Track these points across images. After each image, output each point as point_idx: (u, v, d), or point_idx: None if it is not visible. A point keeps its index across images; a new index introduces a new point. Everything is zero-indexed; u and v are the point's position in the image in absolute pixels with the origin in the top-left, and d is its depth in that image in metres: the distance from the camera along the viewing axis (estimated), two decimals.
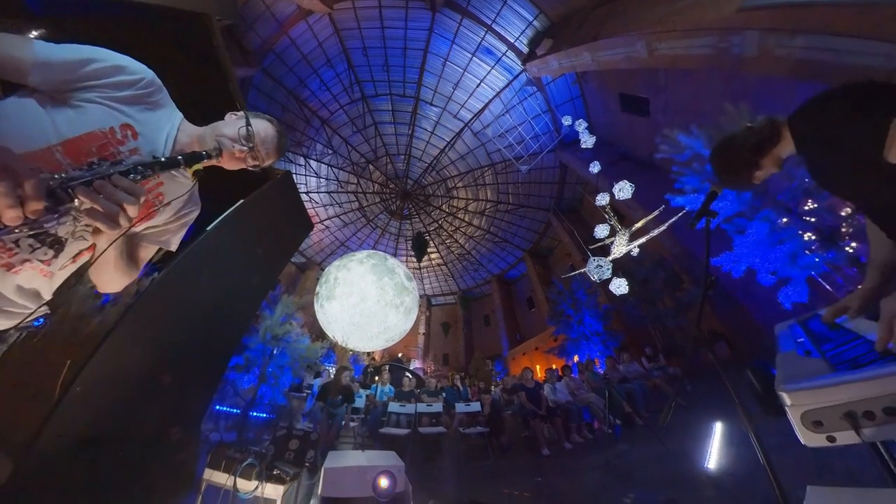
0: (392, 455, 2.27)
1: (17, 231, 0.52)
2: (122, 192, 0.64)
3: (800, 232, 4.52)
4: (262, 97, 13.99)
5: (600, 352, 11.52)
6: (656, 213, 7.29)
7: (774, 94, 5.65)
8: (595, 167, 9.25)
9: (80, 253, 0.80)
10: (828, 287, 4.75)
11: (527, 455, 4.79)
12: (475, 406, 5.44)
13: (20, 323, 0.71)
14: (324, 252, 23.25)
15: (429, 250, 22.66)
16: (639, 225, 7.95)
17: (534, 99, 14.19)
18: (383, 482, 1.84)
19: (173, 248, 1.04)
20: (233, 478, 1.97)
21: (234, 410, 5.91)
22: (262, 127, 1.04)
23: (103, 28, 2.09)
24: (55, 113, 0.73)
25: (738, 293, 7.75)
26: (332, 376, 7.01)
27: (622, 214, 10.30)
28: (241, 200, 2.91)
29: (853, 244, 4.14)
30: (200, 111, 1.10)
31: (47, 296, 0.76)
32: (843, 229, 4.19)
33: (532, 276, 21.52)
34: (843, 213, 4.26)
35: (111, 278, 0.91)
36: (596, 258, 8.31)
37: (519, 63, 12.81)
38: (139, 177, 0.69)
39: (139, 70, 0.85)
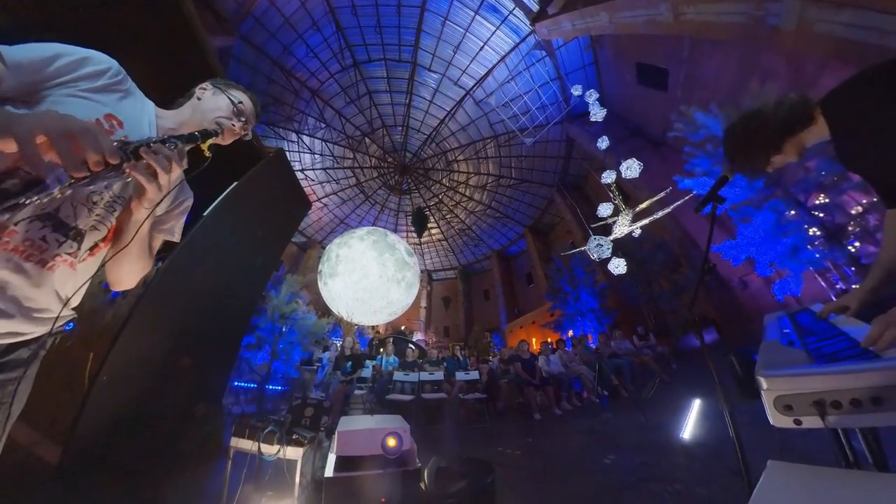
0: (398, 418, 2.45)
1: (84, 180, 0.54)
2: (166, 156, 0.70)
3: (805, 226, 4.42)
4: (245, 68, 12.79)
5: (594, 328, 11.85)
6: (662, 194, 7.17)
7: (806, 78, 5.27)
8: (603, 142, 8.82)
9: (96, 246, 0.83)
10: (822, 283, 4.77)
11: (520, 419, 5.15)
12: (474, 374, 5.76)
13: (53, 328, 0.74)
14: (324, 230, 22.94)
15: (429, 226, 22.44)
16: (643, 206, 7.85)
17: (542, 65, 12.93)
18: (391, 442, 2.02)
19: (177, 237, 1.06)
20: (257, 444, 2.17)
21: (252, 385, 6.35)
22: (242, 97, 1.06)
23: (60, 5, 1.84)
24: None
25: (734, 281, 7.81)
26: (339, 349, 7.48)
27: (627, 193, 10.13)
28: (235, 183, 2.86)
29: (857, 244, 4.10)
30: (181, 90, 1.05)
31: (76, 300, 0.78)
32: (850, 227, 4.11)
33: (532, 253, 21.57)
34: (852, 212, 4.16)
35: (130, 270, 0.92)
36: (597, 237, 8.31)
37: (527, 23, 11.52)
38: (174, 146, 0.73)
39: (104, 60, 0.83)
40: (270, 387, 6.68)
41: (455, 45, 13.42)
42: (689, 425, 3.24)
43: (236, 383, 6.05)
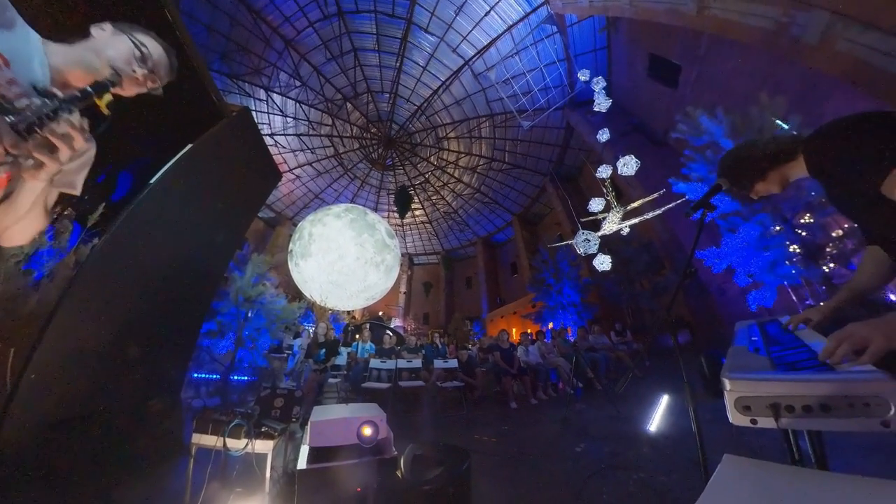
0: (374, 407, 2.45)
1: None
2: (66, 131, 0.65)
3: (787, 242, 4.72)
4: (203, 4, 11.18)
5: (574, 322, 12.30)
6: (655, 195, 7.38)
7: (817, 98, 5.39)
8: (604, 135, 8.71)
9: None
10: (794, 298, 5.12)
11: (497, 408, 5.38)
12: (452, 362, 5.89)
13: None
14: (296, 205, 21.67)
15: (413, 206, 21.77)
16: (635, 205, 8.07)
17: (551, 42, 12.10)
18: (367, 431, 2.03)
19: (77, 190, 0.97)
20: (222, 439, 2.10)
21: (214, 376, 5.96)
22: (149, 42, 0.95)
23: None
24: None
25: (712, 287, 8.24)
26: (311, 336, 7.24)
27: (621, 190, 10.35)
28: (189, 145, 2.55)
29: (832, 264, 4.41)
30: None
31: None
32: (829, 249, 4.41)
33: (519, 242, 21.72)
34: (833, 234, 4.44)
35: (20, 228, 0.84)
36: (585, 231, 8.50)
37: None
38: (69, 110, 0.67)
39: None
40: (235, 377, 6.31)
41: (458, 5, 12.06)
42: (657, 419, 3.52)
43: (196, 375, 5.66)
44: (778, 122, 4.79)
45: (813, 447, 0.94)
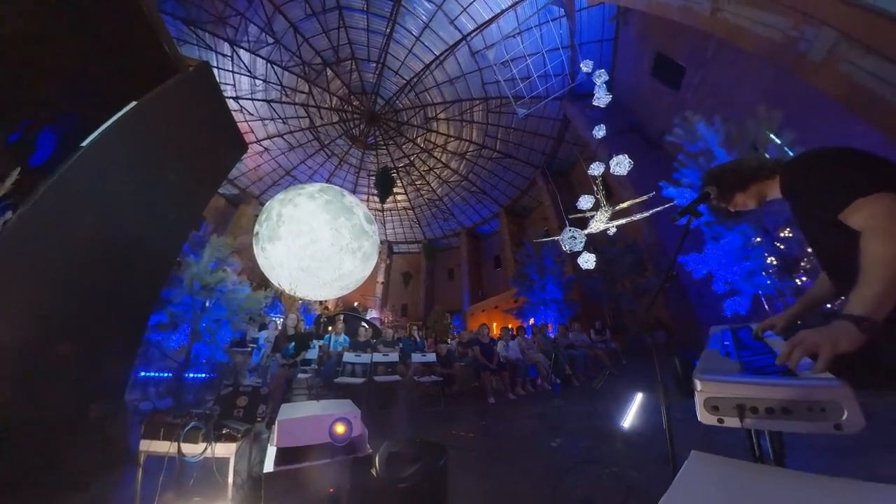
0: (348, 403, 2.41)
1: None
2: None
3: (766, 254, 5.05)
4: None
5: (555, 318, 12.65)
6: (645, 197, 7.59)
7: (813, 114, 5.60)
8: (600, 131, 8.73)
9: None
10: (767, 307, 5.47)
11: (475, 403, 5.52)
12: (431, 357, 5.87)
13: None
14: (263, 182, 20.26)
15: (395, 190, 20.72)
16: (624, 205, 8.29)
17: (556, 26, 11.64)
18: (339, 428, 1.99)
19: None
20: (176, 444, 1.96)
21: (166, 374, 5.55)
22: None
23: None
24: None
25: (692, 292, 8.63)
26: (279, 328, 6.87)
27: (611, 189, 10.59)
28: (133, 103, 2.19)
29: (804, 278, 4.74)
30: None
31: None
32: (803, 263, 4.74)
33: (504, 235, 21.79)
34: (808, 250, 4.74)
35: None
36: (572, 229, 8.69)
37: None
38: None
39: None
40: (191, 375, 5.88)
41: None
42: (630, 416, 3.75)
43: (144, 373, 5.24)
44: (772, 136, 5.01)
45: (773, 446, 1.04)
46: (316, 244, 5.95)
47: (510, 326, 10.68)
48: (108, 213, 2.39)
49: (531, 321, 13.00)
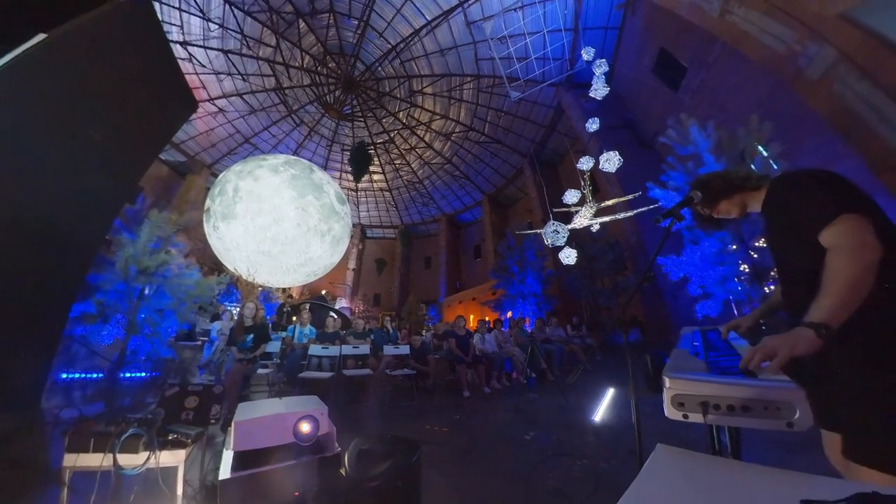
0: (314, 399, 2.30)
1: None
2: None
3: (739, 262, 5.41)
4: None
5: (533, 312, 12.98)
6: (630, 197, 7.83)
7: (802, 129, 5.87)
8: (594, 124, 8.75)
9: None
10: (735, 312, 5.90)
11: (450, 396, 5.62)
12: (404, 349, 5.74)
13: None
14: (216, 149, 18.03)
15: (371, 168, 19.59)
16: (609, 203, 8.53)
17: (561, 6, 11.11)
18: (305, 427, 1.90)
19: None
20: (110, 455, 1.77)
21: (94, 375, 4.91)
22: None
23: None
24: None
25: (667, 293, 9.09)
26: (234, 318, 6.38)
27: (598, 186, 10.84)
28: (42, 35, 1.78)
29: (772, 286, 5.10)
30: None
31: None
32: (772, 273, 5.12)
33: (486, 225, 21.70)
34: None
35: None
36: (556, 223, 8.88)
37: None
38: None
39: None
40: (128, 374, 5.24)
41: None
42: (602, 410, 3.99)
43: (66, 375, 4.63)
44: (759, 147, 5.29)
45: (732, 440, 1.15)
46: (279, 225, 5.46)
47: (487, 319, 10.90)
48: (11, 180, 1.97)
49: (509, 314, 13.29)
